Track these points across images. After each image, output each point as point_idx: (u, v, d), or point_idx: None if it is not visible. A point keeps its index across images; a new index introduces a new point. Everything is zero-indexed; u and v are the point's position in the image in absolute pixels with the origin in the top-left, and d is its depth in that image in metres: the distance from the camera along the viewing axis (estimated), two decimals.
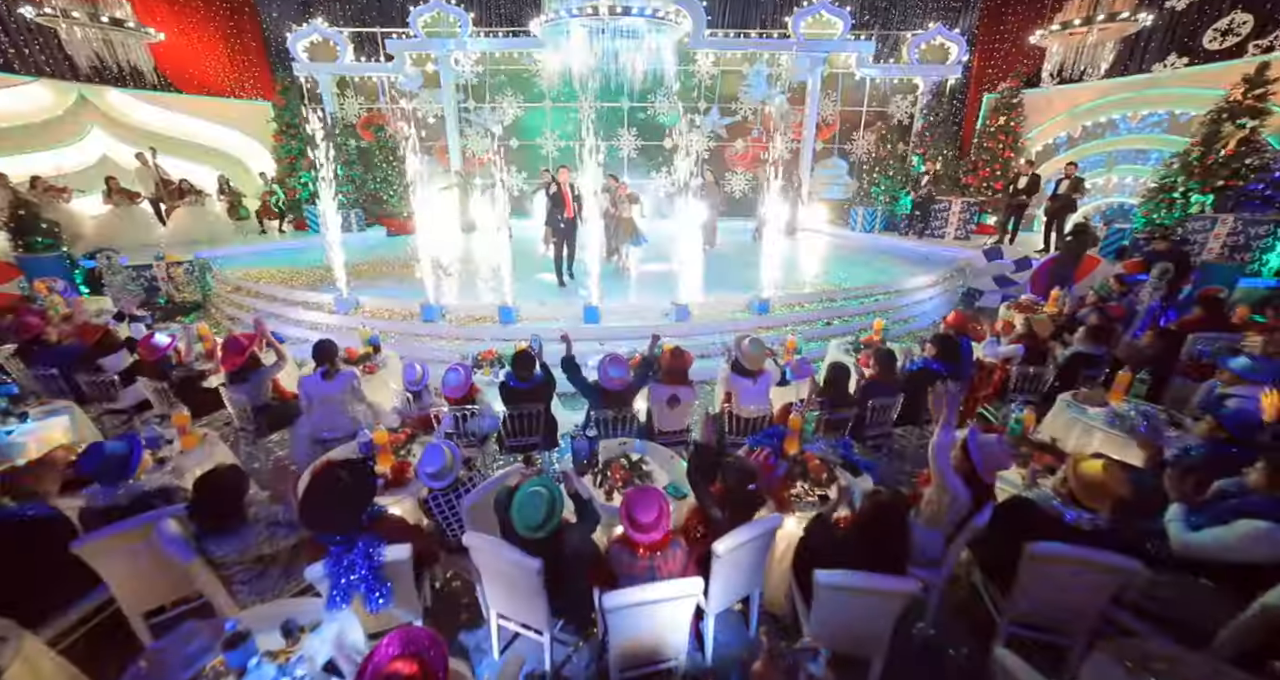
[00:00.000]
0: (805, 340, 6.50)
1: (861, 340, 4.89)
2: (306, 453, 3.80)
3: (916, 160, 11.69)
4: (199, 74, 11.34)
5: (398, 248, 10.39)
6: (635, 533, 1.95)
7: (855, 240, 11.36)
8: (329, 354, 3.64)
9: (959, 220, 10.56)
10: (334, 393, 3.61)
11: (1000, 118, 10.54)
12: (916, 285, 8.04)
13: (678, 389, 3.55)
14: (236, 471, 2.11)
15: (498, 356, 4.50)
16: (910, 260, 9.42)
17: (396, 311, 6.57)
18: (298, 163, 11.36)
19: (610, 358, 3.46)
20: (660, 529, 1.94)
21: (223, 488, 2.02)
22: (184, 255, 8.38)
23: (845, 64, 12.24)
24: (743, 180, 13.07)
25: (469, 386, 3.71)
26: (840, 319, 6.93)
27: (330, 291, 6.75)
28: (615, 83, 11.78)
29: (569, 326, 6.03)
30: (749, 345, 3.57)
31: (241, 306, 7.33)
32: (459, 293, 6.97)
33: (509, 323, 6.10)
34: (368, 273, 8.03)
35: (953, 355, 3.93)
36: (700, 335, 6.24)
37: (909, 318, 7.54)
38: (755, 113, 12.62)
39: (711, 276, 7.83)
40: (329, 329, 6.45)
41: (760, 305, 6.50)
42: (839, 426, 3.61)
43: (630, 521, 1.96)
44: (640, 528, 1.95)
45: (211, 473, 2.06)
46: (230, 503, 2.01)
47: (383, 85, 12.47)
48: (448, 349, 5.94)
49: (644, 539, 1.95)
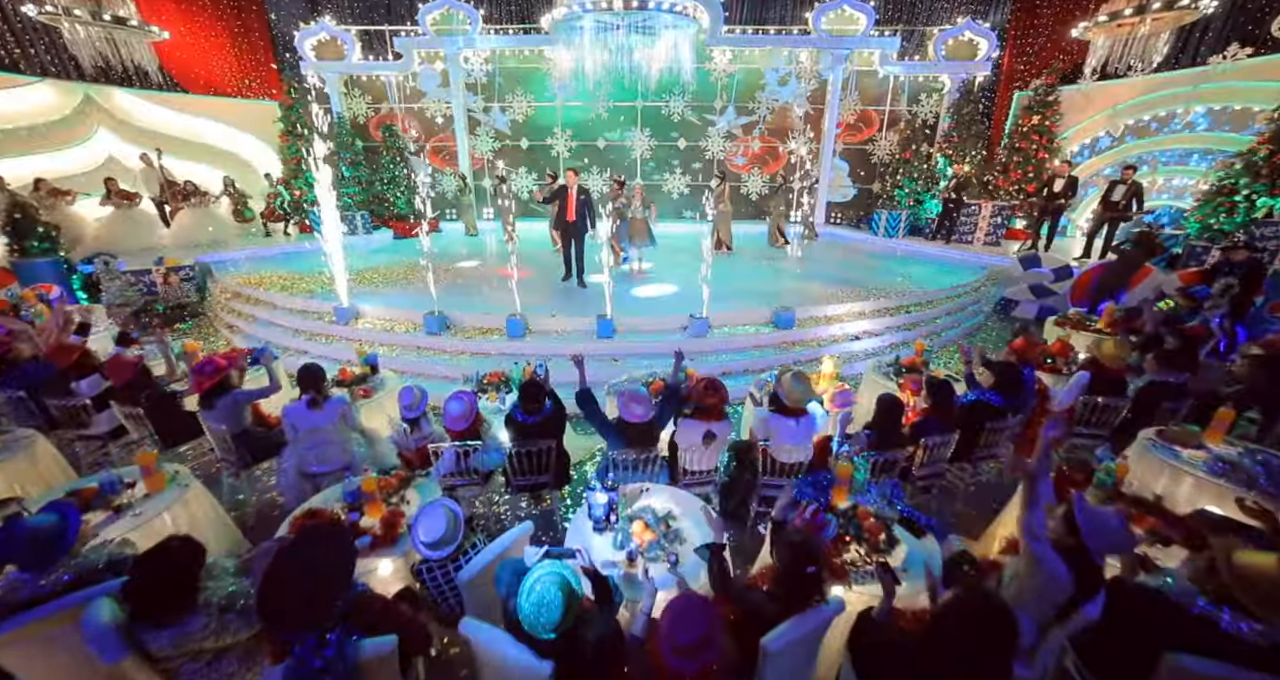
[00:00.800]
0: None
1: (902, 363, 4.45)
2: (294, 488, 3.45)
3: (942, 162, 11.18)
4: (205, 74, 11.13)
5: (404, 251, 10.09)
6: (675, 659, 1.56)
7: (878, 245, 10.86)
8: (315, 380, 3.29)
9: (988, 225, 10.02)
10: (322, 423, 3.26)
11: (1034, 117, 9.98)
12: (947, 294, 7.56)
13: (712, 424, 3.15)
14: (188, 547, 1.74)
15: (504, 378, 4.12)
16: (938, 267, 8.93)
17: (400, 321, 6.23)
18: (304, 164, 11.11)
19: (630, 396, 3.06)
20: (708, 651, 1.53)
21: (167, 570, 1.66)
22: (185, 259, 8.14)
23: (868, 61, 11.75)
24: (759, 181, 12.61)
25: (474, 417, 3.34)
26: (869, 334, 6.47)
27: (330, 299, 6.43)
28: (629, 81, 11.42)
29: (581, 342, 5.67)
30: (791, 382, 3.15)
31: (240, 314, 7.05)
32: (464, 301, 6.61)
33: (517, 336, 5.73)
34: (371, 279, 7.71)
35: (1014, 387, 3.48)
36: (721, 351, 5.82)
37: (940, 330, 7.06)
38: (772, 112, 12.16)
39: (730, 285, 7.41)
40: (328, 340, 6.13)
41: (784, 318, 6.07)
42: (888, 469, 3.18)
43: (671, 645, 1.55)
44: (683, 651, 1.54)
45: (157, 551, 1.69)
46: (174, 590, 1.64)
47: (391, 85, 12.18)
48: (451, 365, 5.58)
49: (685, 667, 1.55)
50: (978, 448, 3.52)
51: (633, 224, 7.87)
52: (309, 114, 11.03)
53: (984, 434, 3.40)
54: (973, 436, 3.40)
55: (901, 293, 7.18)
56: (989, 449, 3.57)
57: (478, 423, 3.44)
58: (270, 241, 10.30)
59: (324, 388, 3.36)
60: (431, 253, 5.90)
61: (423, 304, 6.34)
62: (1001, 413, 3.41)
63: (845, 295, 6.98)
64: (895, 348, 6.42)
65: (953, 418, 3.25)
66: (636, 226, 7.91)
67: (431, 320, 5.85)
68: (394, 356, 5.71)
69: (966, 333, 7.31)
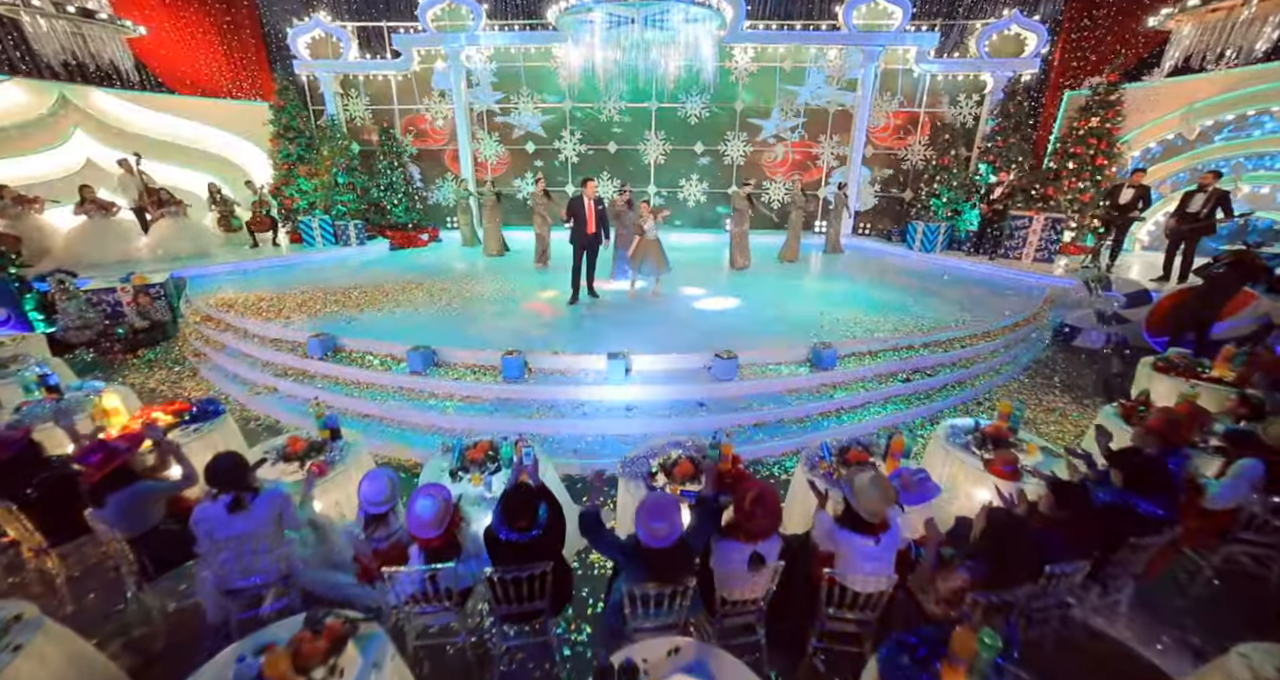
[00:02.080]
0: (880, 404, 5.22)
1: (985, 431, 3.57)
2: (215, 607, 2.69)
3: (984, 169, 10.24)
4: (191, 73, 10.46)
5: (400, 264, 9.35)
6: None
7: (913, 262, 9.94)
8: (235, 475, 2.51)
9: (1039, 239, 9.06)
10: (247, 530, 2.48)
11: (1092, 118, 8.99)
12: (1005, 324, 6.65)
13: (760, 545, 2.33)
14: None
15: (491, 452, 3.32)
16: (987, 288, 8.01)
17: (380, 355, 5.45)
18: (295, 169, 10.43)
19: (652, 504, 2.24)
20: None
21: None
22: (159, 275, 7.44)
23: (903, 59, 10.82)
24: (781, 189, 11.73)
25: (449, 520, 2.54)
26: (922, 372, 5.60)
27: (304, 327, 5.68)
28: (643, 80, 10.60)
29: (589, 387, 4.86)
30: (868, 487, 2.32)
31: (209, 341, 6.32)
32: (456, 329, 5.83)
33: (515, 379, 4.93)
34: (357, 300, 6.95)
35: (1162, 484, 2.62)
36: (752, 397, 4.98)
37: (998, 365, 6.16)
38: (807, 115, 11.25)
39: (754, 311, 6.57)
40: (301, 378, 5.37)
41: (825, 357, 5.20)
42: (1003, 610, 2.33)
43: None
44: None
45: None
46: None
47: (398, 85, 11.43)
48: (437, 412, 4.80)
49: None
50: (1110, 565, 2.66)
51: (641, 246, 6.96)
52: (302, 116, 10.38)
53: (1123, 551, 2.54)
54: (1104, 551, 2.54)
55: (954, 322, 6.28)
56: (1123, 567, 2.70)
57: (455, 524, 2.64)
58: (257, 253, 9.60)
59: (250, 481, 2.57)
60: (426, 268, 5.12)
61: (409, 333, 5.58)
62: (1149, 524, 2.54)
63: (884, 324, 6.11)
64: (951, 390, 5.56)
65: (1093, 538, 2.39)
66: (646, 249, 6.92)
67: (416, 356, 5.07)
68: (369, 398, 4.95)
69: (1026, 369, 6.41)
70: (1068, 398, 5.66)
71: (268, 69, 11.43)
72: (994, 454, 3.35)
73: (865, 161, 11.39)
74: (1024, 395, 5.72)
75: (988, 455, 3.39)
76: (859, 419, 5.00)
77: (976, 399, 5.65)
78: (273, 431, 4.93)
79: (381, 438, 4.62)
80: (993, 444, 3.47)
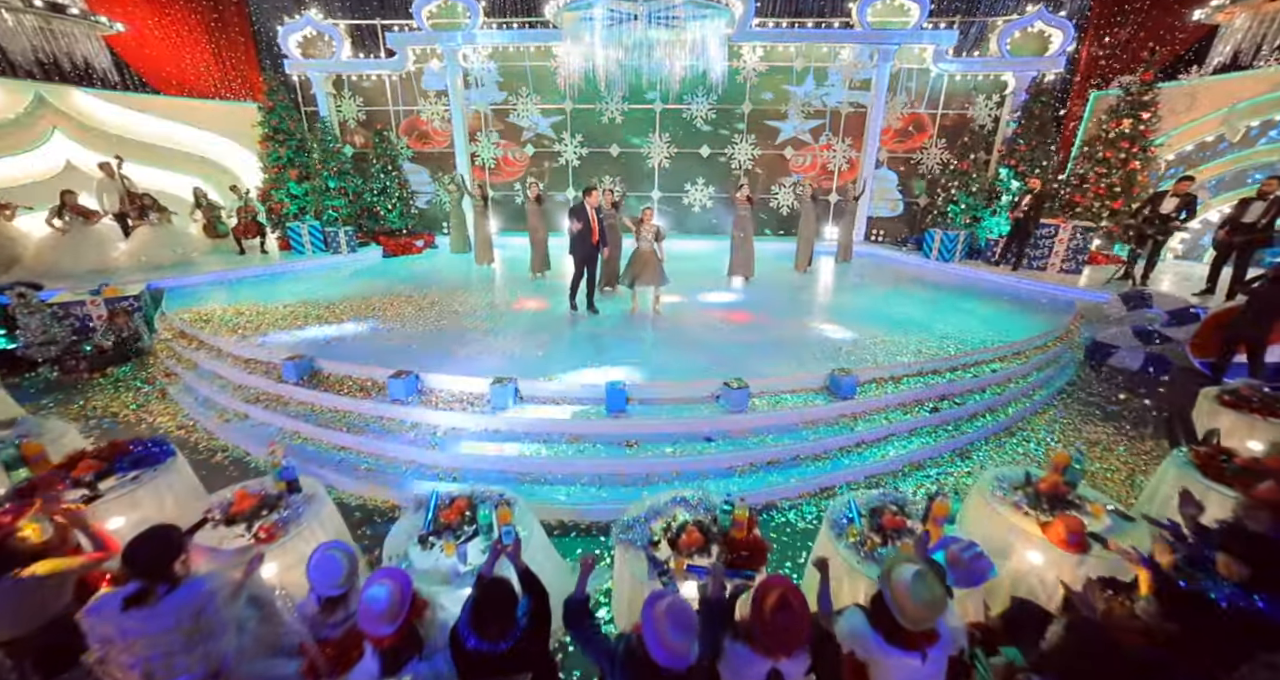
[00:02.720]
0: (905, 437, 4.74)
1: (1038, 487, 3.09)
2: None
3: (1005, 173, 9.73)
4: (178, 73, 10.08)
5: (392, 274, 8.92)
6: None
7: (930, 272, 9.44)
8: (155, 564, 2.05)
9: (1066, 249, 8.54)
10: (149, 632, 2.02)
11: (1124, 120, 8.46)
12: (1038, 343, 6.16)
13: (783, 663, 1.86)
14: None
15: (468, 511, 2.87)
16: (1013, 301, 7.51)
17: (360, 380, 5.01)
18: (284, 173, 10.03)
19: (672, 612, 1.72)
20: None
21: None
22: (134, 286, 7.03)
23: (919, 58, 10.33)
24: (790, 194, 11.25)
25: (405, 613, 2.08)
26: (951, 400, 5.11)
27: (281, 347, 5.25)
28: (647, 80, 10.15)
29: (587, 423, 4.40)
30: (911, 586, 1.84)
31: (181, 359, 5.91)
32: (444, 349, 5.40)
33: (503, 409, 4.48)
34: (340, 314, 6.53)
35: None
36: (764, 431, 4.51)
37: (1031, 389, 5.66)
38: (824, 114, 10.77)
39: (763, 329, 6.10)
40: (274, 405, 4.94)
41: (844, 384, 4.73)
42: None
43: None
44: None
45: None
46: None
47: (393, 85, 11.01)
48: (418, 445, 4.35)
49: None
50: None
51: (638, 258, 6.42)
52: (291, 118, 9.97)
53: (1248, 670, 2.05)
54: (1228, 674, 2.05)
55: (984, 344, 5.80)
56: None
57: (416, 614, 2.19)
58: (244, 261, 9.20)
59: (170, 572, 2.11)
60: (418, 278, 4.68)
61: (392, 355, 5.13)
62: None
63: (905, 344, 5.63)
64: (981, 419, 5.07)
65: (1214, 657, 1.91)
66: (643, 261, 6.36)
67: (398, 383, 4.62)
68: (347, 427, 4.51)
69: (1059, 394, 5.91)
70: (1111, 428, 5.16)
71: (258, 69, 11.02)
72: (1052, 517, 2.87)
73: (879, 165, 10.90)
74: (1063, 426, 5.22)
75: (1044, 518, 2.91)
76: (882, 454, 4.52)
77: (1009, 428, 5.15)
78: (240, 467, 4.50)
79: (354, 478, 4.18)
80: (1049, 504, 2.99)
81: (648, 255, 6.37)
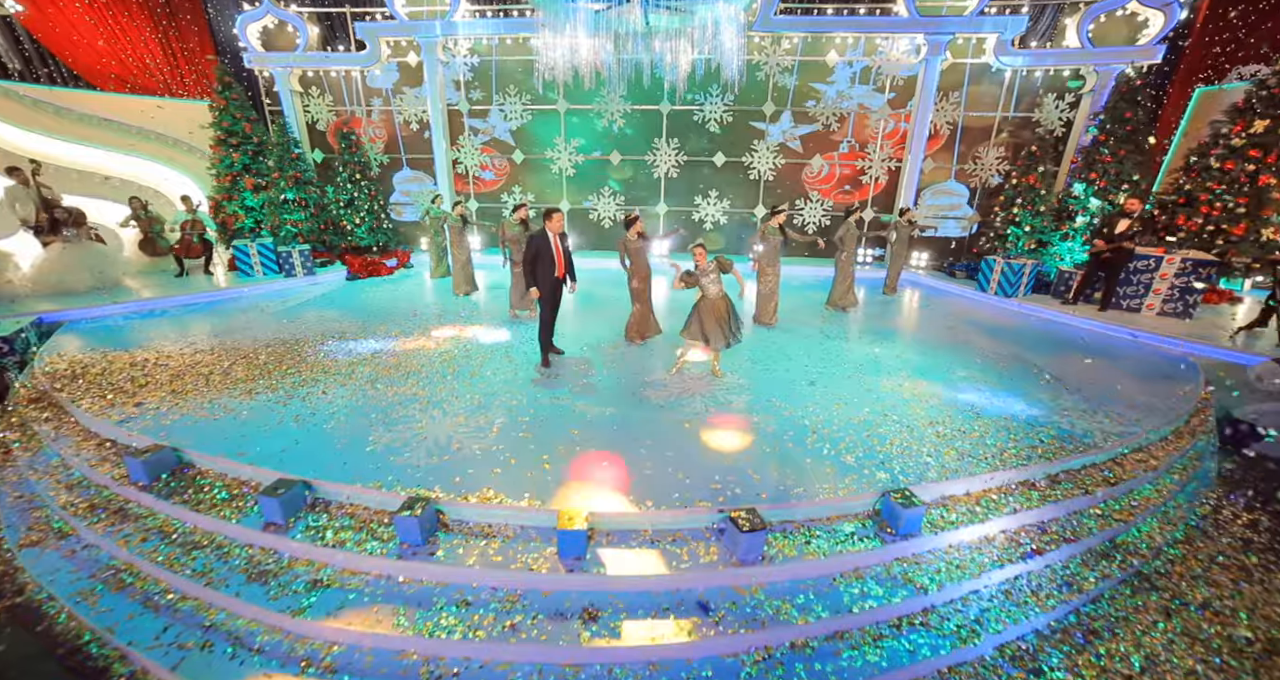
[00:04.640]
0: (999, 600, 3.22)
1: None
2: None
3: (1081, 189, 8.07)
4: (118, 66, 8.92)
5: (349, 302, 7.64)
6: None
7: (993, 312, 7.81)
8: None
9: (1168, 286, 6.86)
10: None
11: (1255, 121, 6.71)
12: (1160, 430, 4.56)
13: None
14: None
15: None
16: (1106, 359, 5.89)
17: (237, 486, 3.66)
18: (239, 181, 8.81)
19: None
20: None
21: None
22: (11, 321, 5.84)
23: (977, 50, 8.71)
24: (819, 210, 9.72)
25: None
26: (1059, 534, 3.58)
27: (149, 424, 3.93)
28: (652, 78, 8.70)
29: (538, 579, 2.98)
30: None
31: (25, 431, 4.60)
32: (362, 439, 4.04)
33: (419, 546, 3.08)
34: (255, 370, 5.21)
35: None
36: (789, 596, 3.04)
37: (1164, 513, 4.08)
38: (837, 117, 9.25)
39: (784, 412, 4.58)
40: (115, 521, 3.62)
41: (903, 516, 3.24)
42: None
43: None
44: None
45: None
46: None
47: (354, 83, 9.78)
48: (294, 622, 2.98)
49: None
50: None
51: (705, 309, 4.87)
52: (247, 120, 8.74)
53: None
54: None
55: (1096, 437, 4.23)
56: None
57: None
58: (179, 286, 7.99)
59: None
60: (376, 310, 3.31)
61: (292, 440, 3.76)
62: None
63: (986, 433, 4.08)
64: (1100, 562, 3.51)
65: None
66: (710, 311, 4.85)
67: (272, 503, 3.26)
68: (209, 566, 3.16)
69: (1198, 507, 4.31)
70: None
71: (213, 63, 9.83)
72: None
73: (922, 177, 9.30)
74: (1235, 581, 3.61)
75: None
76: (969, 639, 3.00)
77: (1150, 580, 3.58)
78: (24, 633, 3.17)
79: (169, 663, 2.82)
80: None
81: (720, 306, 4.88)
